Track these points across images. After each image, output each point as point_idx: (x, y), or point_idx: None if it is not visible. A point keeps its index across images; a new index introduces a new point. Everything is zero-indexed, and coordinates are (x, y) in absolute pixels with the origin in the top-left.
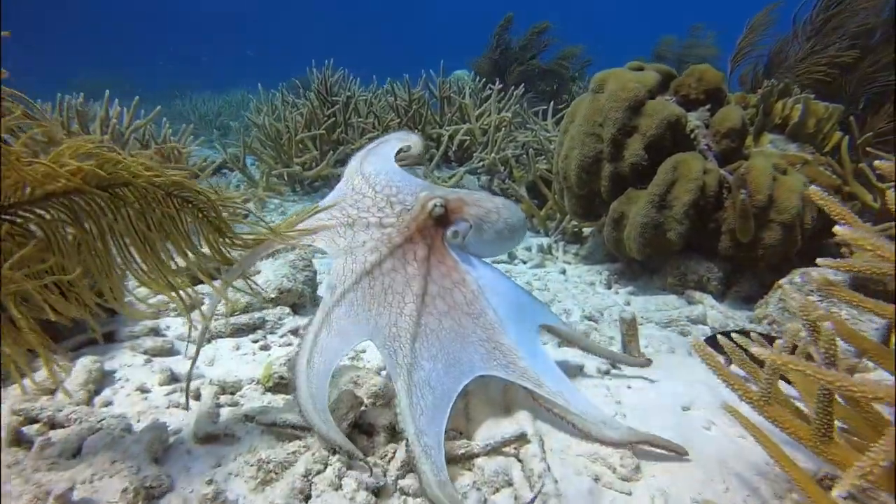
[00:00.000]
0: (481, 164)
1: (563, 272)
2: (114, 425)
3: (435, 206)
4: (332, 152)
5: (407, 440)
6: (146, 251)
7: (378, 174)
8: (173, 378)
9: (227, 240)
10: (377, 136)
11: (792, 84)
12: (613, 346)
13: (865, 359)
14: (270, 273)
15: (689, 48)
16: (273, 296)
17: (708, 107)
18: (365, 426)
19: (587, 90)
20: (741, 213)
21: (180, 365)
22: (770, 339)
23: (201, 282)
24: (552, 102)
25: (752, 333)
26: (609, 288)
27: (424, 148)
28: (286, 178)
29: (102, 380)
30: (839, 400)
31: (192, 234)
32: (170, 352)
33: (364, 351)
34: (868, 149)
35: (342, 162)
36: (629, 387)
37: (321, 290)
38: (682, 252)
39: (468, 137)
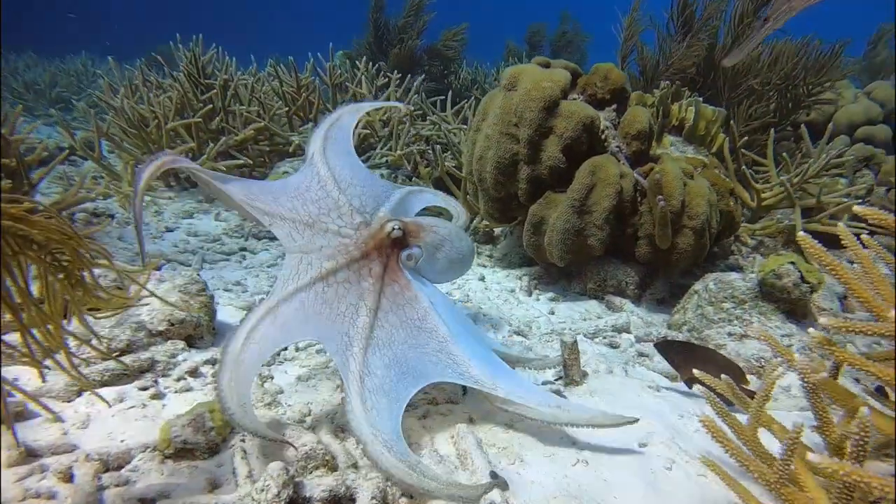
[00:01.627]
0: (385, 160)
1: (482, 279)
2: None
3: (393, 228)
4: (212, 143)
5: (364, 444)
6: None
7: (343, 168)
8: (30, 455)
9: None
10: (263, 126)
11: (680, 87)
12: (547, 367)
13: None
14: (156, 300)
15: (562, 35)
16: (161, 328)
17: (614, 107)
18: (300, 502)
19: (471, 70)
20: (661, 220)
21: (41, 433)
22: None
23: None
24: (450, 93)
25: (723, 377)
26: (530, 295)
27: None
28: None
29: None
30: None
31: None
32: (20, 416)
33: (281, 392)
34: (743, 151)
35: (227, 155)
36: None
37: (221, 315)
38: (601, 257)
39: (368, 130)
